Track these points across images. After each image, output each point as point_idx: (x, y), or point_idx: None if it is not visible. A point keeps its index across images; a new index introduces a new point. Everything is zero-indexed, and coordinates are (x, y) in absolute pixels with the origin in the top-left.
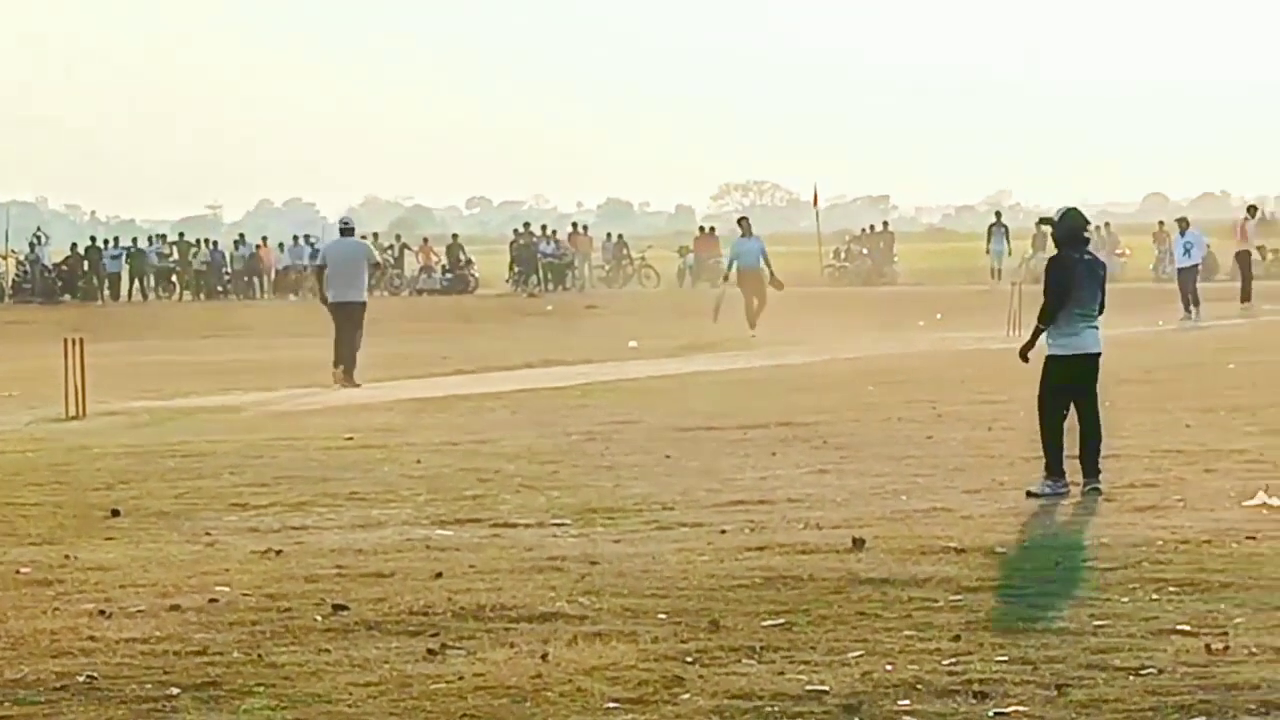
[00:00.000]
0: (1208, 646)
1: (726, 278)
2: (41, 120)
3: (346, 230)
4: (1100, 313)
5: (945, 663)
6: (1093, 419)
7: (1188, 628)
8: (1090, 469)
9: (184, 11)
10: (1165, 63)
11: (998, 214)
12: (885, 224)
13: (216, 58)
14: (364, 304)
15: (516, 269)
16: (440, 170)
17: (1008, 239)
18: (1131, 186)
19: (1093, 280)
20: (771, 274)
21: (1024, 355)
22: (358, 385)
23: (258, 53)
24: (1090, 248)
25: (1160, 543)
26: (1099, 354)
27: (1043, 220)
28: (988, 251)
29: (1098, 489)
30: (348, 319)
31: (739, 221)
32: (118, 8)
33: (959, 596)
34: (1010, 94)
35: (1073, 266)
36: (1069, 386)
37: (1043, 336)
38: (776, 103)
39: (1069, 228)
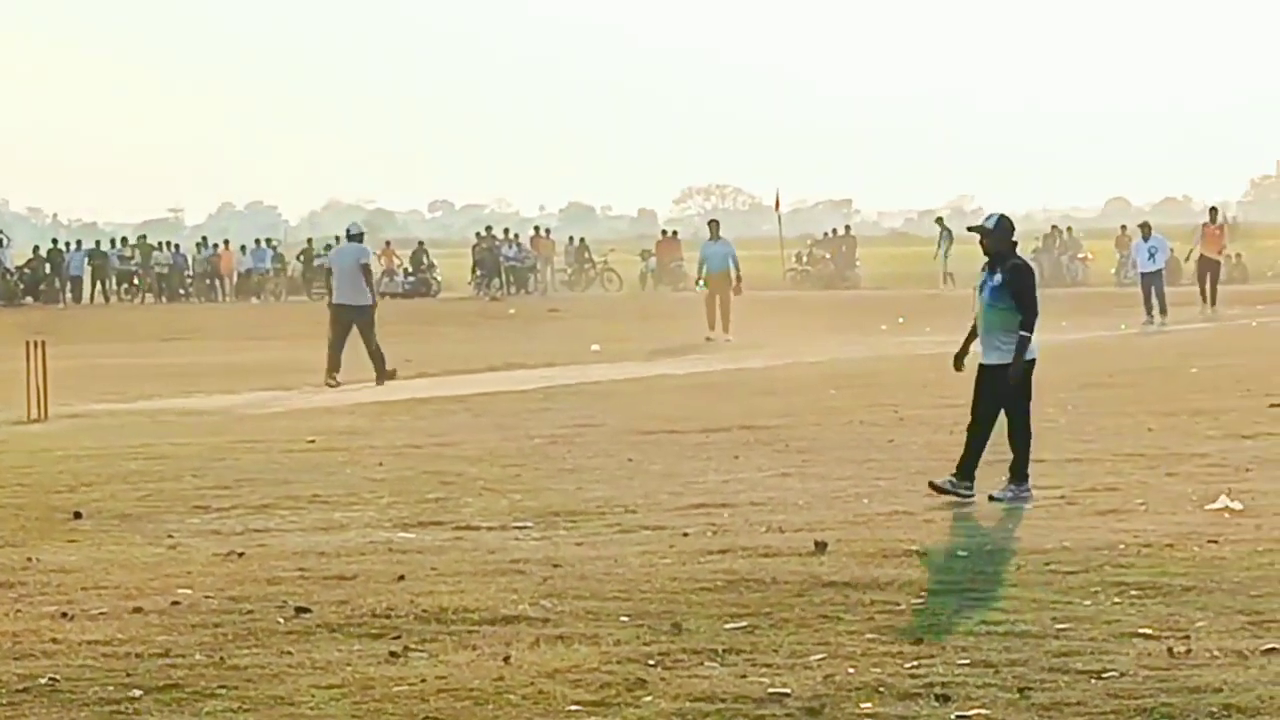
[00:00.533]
0: (1170, 650)
1: (699, 281)
2: (3, 123)
3: (353, 236)
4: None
5: (907, 665)
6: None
7: (1150, 631)
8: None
9: (146, 13)
10: (1127, 70)
11: (938, 219)
12: (847, 228)
13: (178, 60)
14: (362, 307)
15: (479, 272)
16: (402, 173)
17: (951, 243)
18: (1093, 191)
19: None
20: (737, 278)
21: (1017, 374)
22: (391, 375)
23: (219, 55)
24: (1047, 251)
25: (1122, 546)
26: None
27: (974, 228)
28: (935, 257)
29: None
30: (344, 321)
31: (709, 224)
32: (80, 9)
33: (921, 600)
34: (972, 99)
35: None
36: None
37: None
38: (739, 107)
39: (1009, 232)
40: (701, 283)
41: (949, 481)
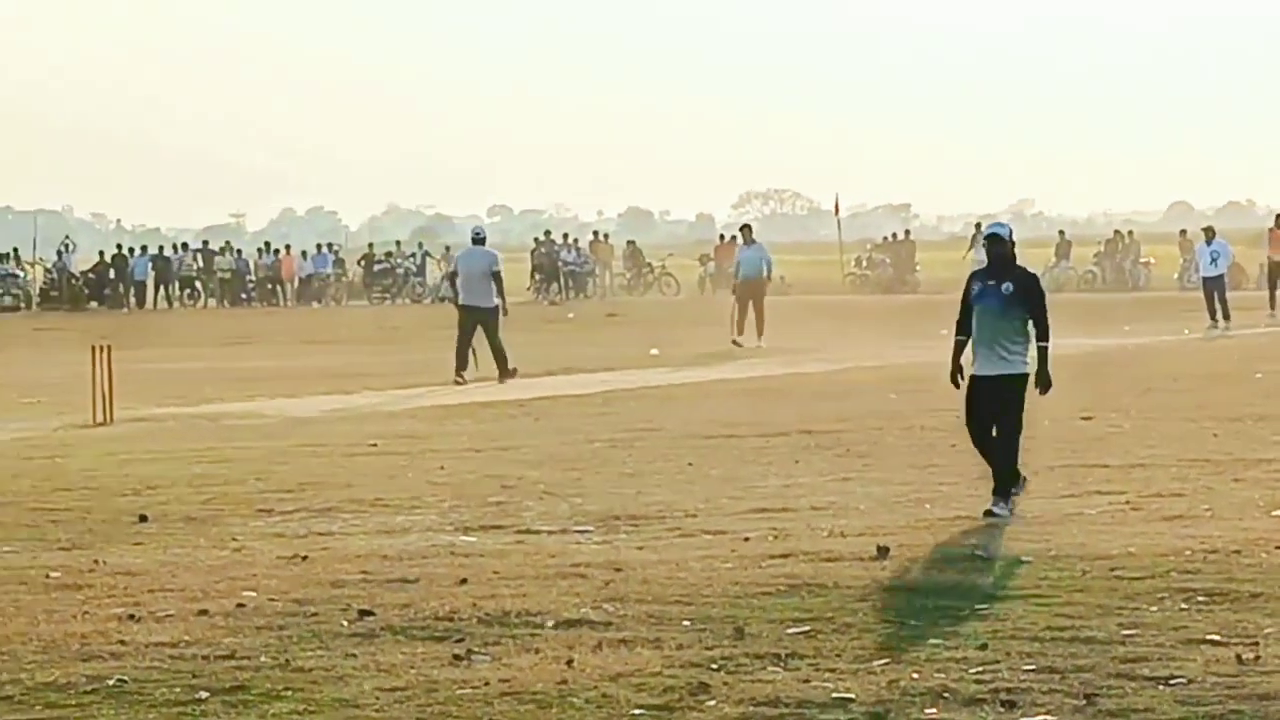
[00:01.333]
0: (1238, 656)
1: (735, 288)
2: (68, 129)
3: (478, 240)
4: None
5: (972, 671)
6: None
7: (1217, 637)
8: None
9: (209, 21)
10: (1190, 73)
11: (977, 225)
12: (907, 232)
13: (240, 67)
14: (490, 308)
15: (538, 277)
16: (462, 179)
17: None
18: (1155, 195)
19: None
20: (767, 278)
21: (1047, 385)
22: (513, 374)
23: (281, 63)
24: (1109, 256)
25: (1189, 552)
26: None
27: (991, 235)
28: (964, 257)
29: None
30: (473, 322)
31: (741, 230)
32: (142, 17)
33: (985, 605)
34: (1033, 103)
35: None
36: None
37: (1031, 353)
38: (798, 111)
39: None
40: (734, 288)
41: (999, 504)
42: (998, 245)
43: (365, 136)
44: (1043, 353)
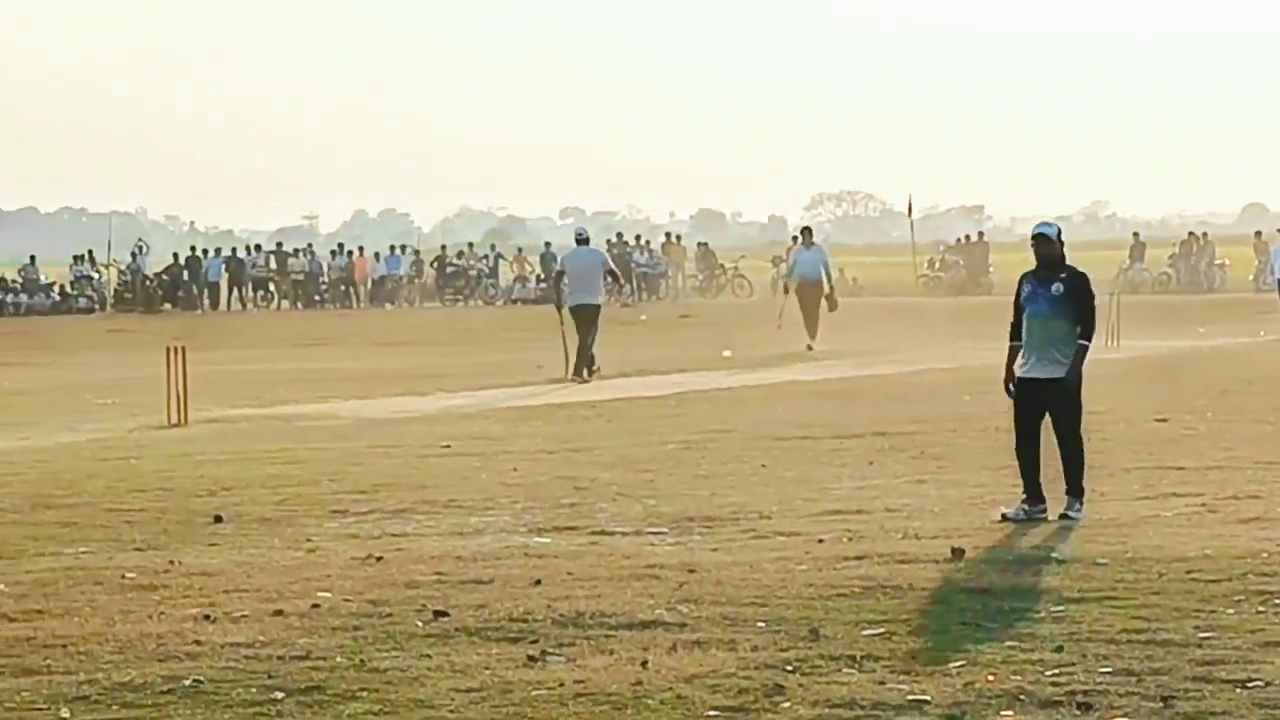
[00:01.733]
0: None
1: (787, 289)
2: (142, 133)
3: (582, 241)
4: None
5: (1048, 673)
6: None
7: None
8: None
9: (284, 24)
10: (1265, 73)
11: (803, 230)
12: (980, 234)
13: (312, 68)
14: (598, 306)
15: (610, 279)
16: (534, 181)
17: None
18: (1230, 196)
19: None
20: (830, 289)
21: (1077, 379)
22: (589, 380)
23: (353, 66)
24: (1184, 258)
25: (1265, 555)
26: None
27: (1040, 235)
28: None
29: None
30: (583, 320)
31: (802, 231)
32: (216, 21)
33: (1061, 607)
34: (1107, 104)
35: None
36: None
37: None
38: (872, 113)
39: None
40: (788, 291)
41: (1022, 510)
42: (1046, 245)
43: (437, 138)
44: (1082, 351)
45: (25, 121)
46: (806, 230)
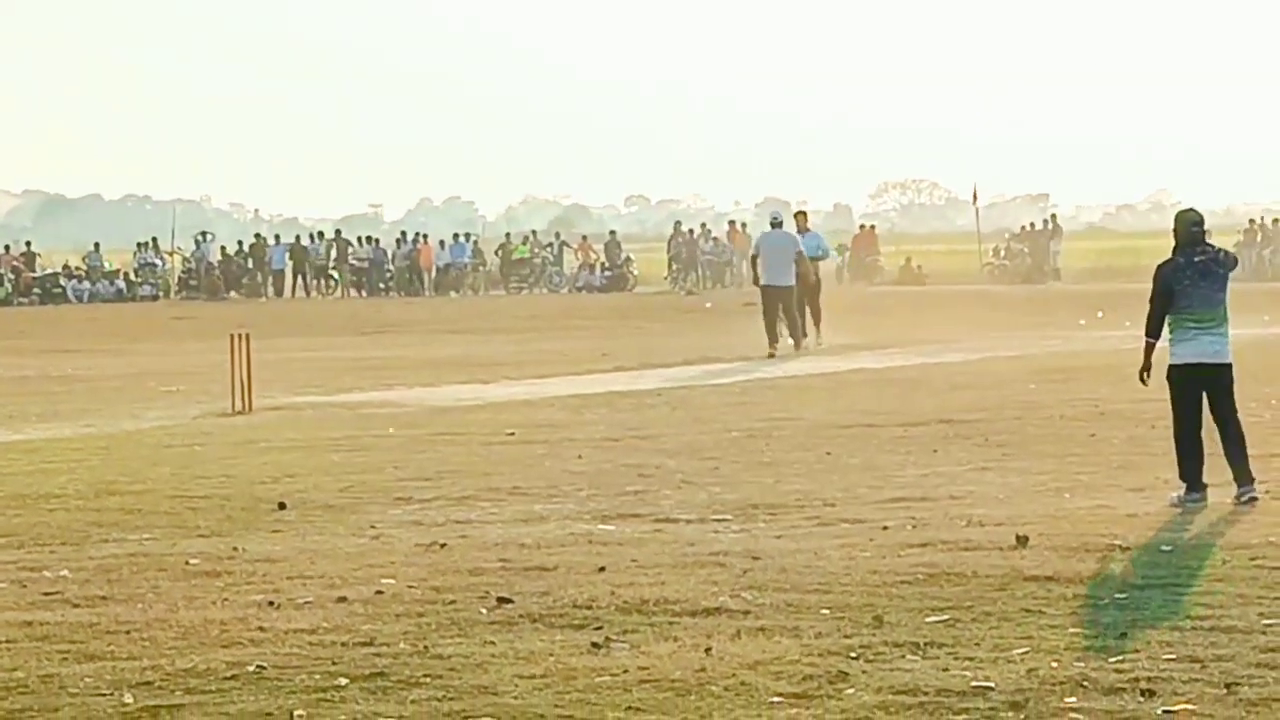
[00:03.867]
0: None
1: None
2: (206, 120)
3: (776, 224)
4: (1216, 318)
5: (1112, 660)
6: (1227, 429)
7: None
8: (1240, 476)
9: (343, 12)
10: None
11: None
12: (1045, 222)
13: (376, 58)
14: (791, 287)
15: (675, 266)
16: (598, 169)
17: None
18: None
19: (1207, 283)
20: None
21: (1142, 377)
22: (805, 349)
23: (417, 52)
24: (1248, 245)
25: None
26: (1219, 364)
27: (1199, 221)
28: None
29: (1250, 497)
30: (777, 299)
31: (795, 215)
32: (280, 10)
33: (1124, 594)
34: (1172, 92)
35: (1173, 272)
36: (1193, 396)
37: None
38: (936, 101)
39: (1178, 230)
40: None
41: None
42: (1201, 227)
43: (502, 126)
44: (1145, 348)
45: (90, 107)
46: (801, 214)
